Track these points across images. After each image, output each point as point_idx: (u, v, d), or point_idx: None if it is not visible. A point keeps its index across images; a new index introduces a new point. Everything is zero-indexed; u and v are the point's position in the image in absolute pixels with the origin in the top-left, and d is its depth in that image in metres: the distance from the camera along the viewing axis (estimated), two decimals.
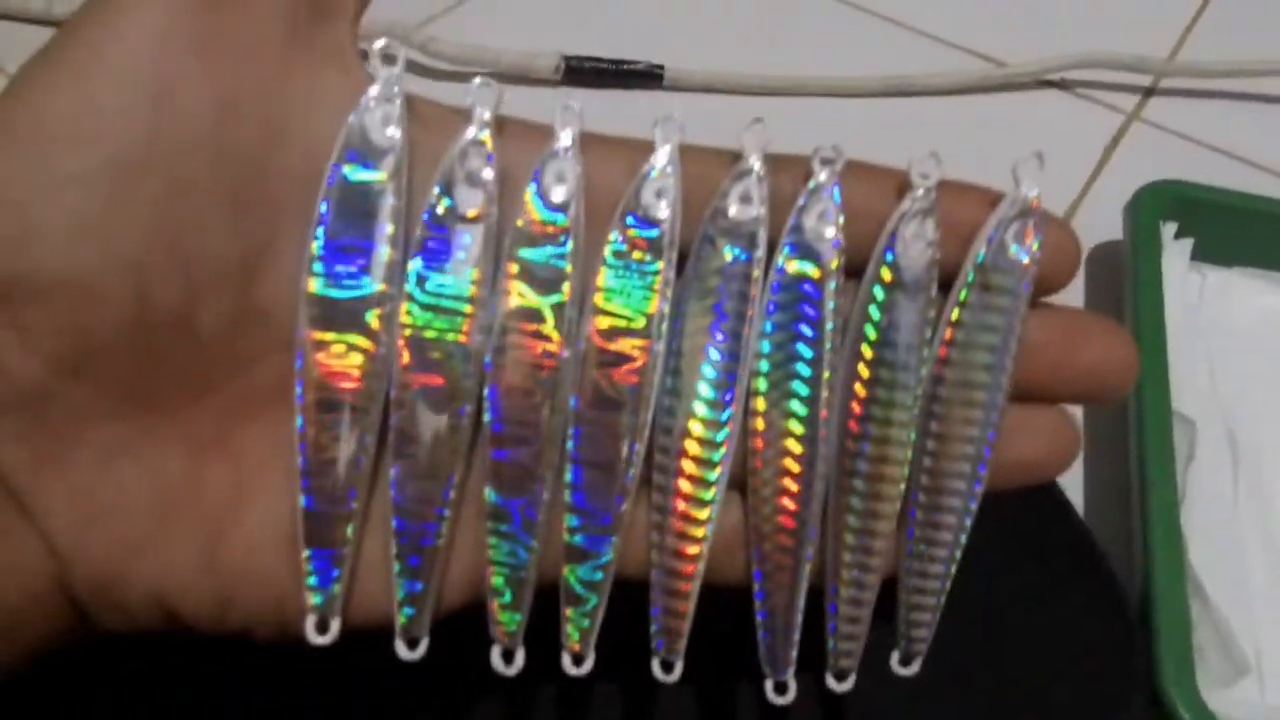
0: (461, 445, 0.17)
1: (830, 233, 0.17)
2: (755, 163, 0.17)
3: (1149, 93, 0.42)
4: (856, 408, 0.17)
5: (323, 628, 0.17)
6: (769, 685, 0.18)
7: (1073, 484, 0.29)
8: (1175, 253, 0.33)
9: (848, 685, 0.18)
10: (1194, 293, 0.33)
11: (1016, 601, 0.24)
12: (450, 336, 0.17)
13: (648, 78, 0.41)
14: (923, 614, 0.18)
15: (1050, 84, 0.42)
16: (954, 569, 0.18)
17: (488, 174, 0.17)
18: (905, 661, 0.18)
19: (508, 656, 0.17)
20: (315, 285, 0.16)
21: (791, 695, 0.18)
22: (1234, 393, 0.30)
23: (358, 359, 0.17)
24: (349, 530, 0.17)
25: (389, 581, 0.17)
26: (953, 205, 0.17)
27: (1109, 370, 0.18)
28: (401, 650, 0.17)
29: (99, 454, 0.16)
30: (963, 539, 0.18)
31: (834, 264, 0.17)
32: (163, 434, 0.16)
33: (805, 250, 0.17)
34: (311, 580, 0.16)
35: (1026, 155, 0.17)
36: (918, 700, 0.22)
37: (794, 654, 0.18)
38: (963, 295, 0.17)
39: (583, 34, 0.42)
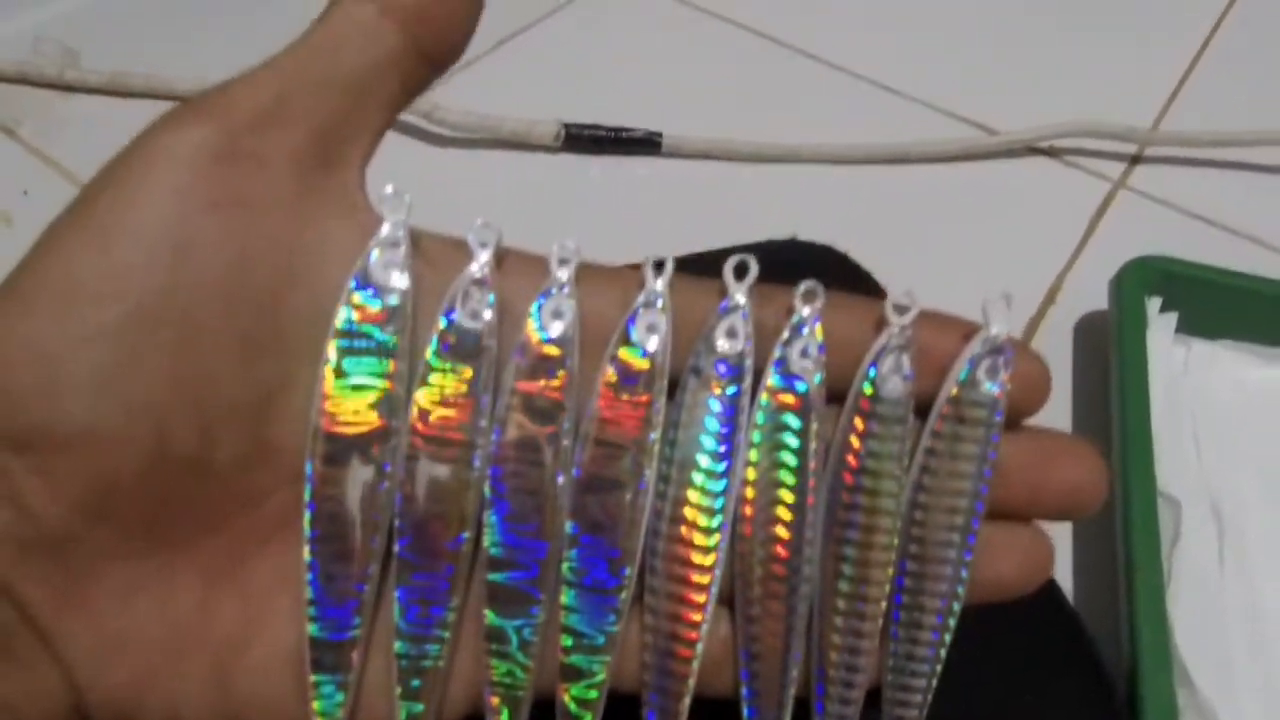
0: (462, 570, 0.18)
1: (811, 365, 0.18)
2: (740, 298, 0.18)
3: (1135, 160, 0.43)
4: (839, 530, 0.18)
5: None
6: None
7: (1063, 566, 0.30)
8: (1160, 327, 0.33)
9: None
10: (1179, 365, 0.34)
11: (1005, 687, 0.24)
12: (452, 466, 0.17)
13: (646, 145, 0.42)
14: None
15: (1040, 151, 0.43)
16: (935, 682, 0.19)
17: (487, 313, 0.18)
18: None
19: None
20: (324, 424, 0.17)
21: None
22: (1219, 467, 0.31)
23: (364, 492, 0.17)
24: (353, 656, 0.17)
25: (391, 703, 0.18)
26: (929, 336, 0.18)
27: (1083, 489, 0.19)
28: None
29: (117, 590, 0.17)
30: (943, 653, 0.19)
31: (815, 394, 0.18)
32: (177, 568, 0.17)
33: (788, 381, 0.18)
34: (318, 705, 0.17)
35: (994, 296, 0.18)
36: None
37: None
38: (938, 425, 0.18)
39: (582, 102, 0.43)
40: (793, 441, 0.18)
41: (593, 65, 0.46)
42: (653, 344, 0.18)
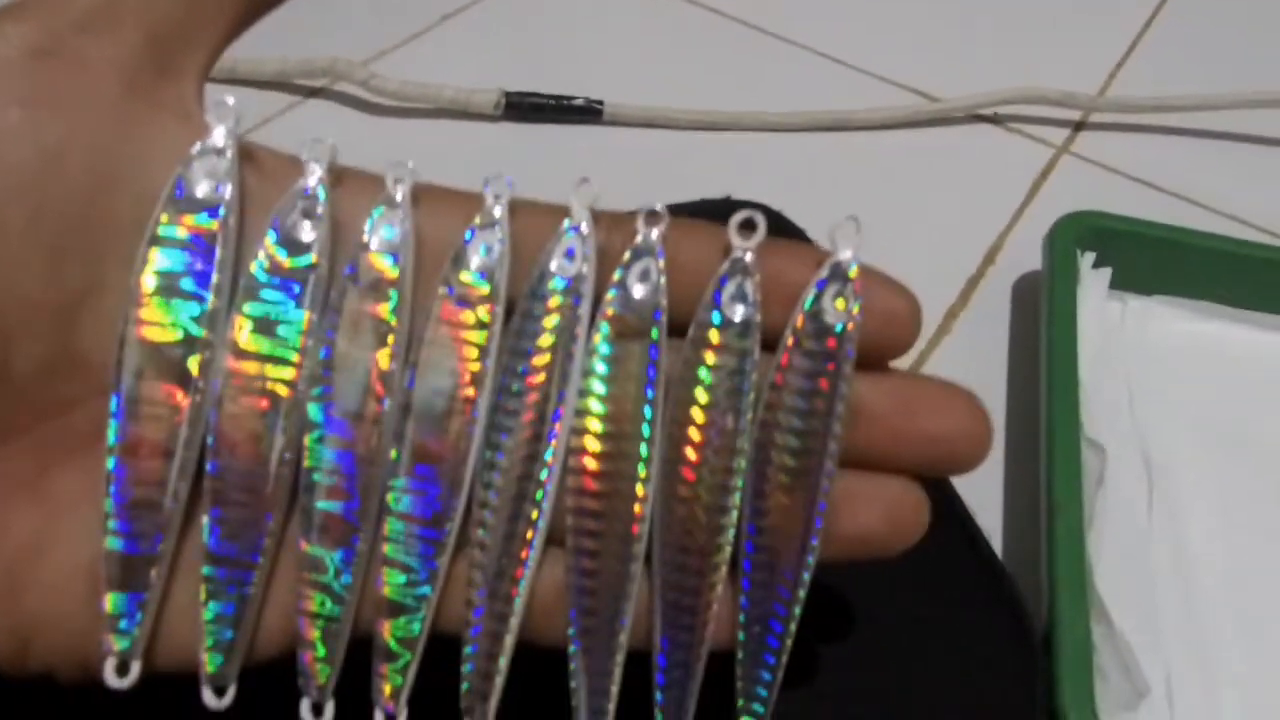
0: (280, 495, 0.17)
1: (651, 292, 0.17)
2: (582, 220, 0.18)
3: (1079, 127, 0.43)
4: (681, 469, 0.17)
5: (123, 671, 0.16)
6: None
7: (992, 515, 0.29)
8: (1093, 281, 0.33)
9: None
10: (1114, 319, 0.34)
11: (919, 625, 0.24)
12: (272, 386, 0.17)
13: (587, 113, 0.41)
14: (759, 688, 0.17)
15: (982, 118, 0.43)
16: (790, 643, 0.17)
17: (318, 225, 0.17)
18: None
19: (317, 710, 0.17)
20: (134, 330, 0.16)
21: None
22: (1152, 418, 0.31)
23: (174, 405, 0.17)
24: (154, 574, 0.16)
25: (198, 629, 0.17)
26: (780, 265, 0.17)
27: (953, 439, 0.17)
28: (208, 698, 0.17)
29: None
30: (797, 611, 0.17)
31: (655, 322, 0.17)
32: None
33: (628, 308, 0.17)
34: (114, 623, 0.16)
35: (843, 219, 0.17)
36: (808, 713, 0.22)
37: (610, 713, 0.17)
38: (784, 358, 0.17)
39: (524, 71, 0.43)
40: (631, 371, 0.17)
41: (534, 35, 0.46)
42: (491, 266, 0.17)
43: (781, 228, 0.34)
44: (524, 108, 0.41)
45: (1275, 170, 0.42)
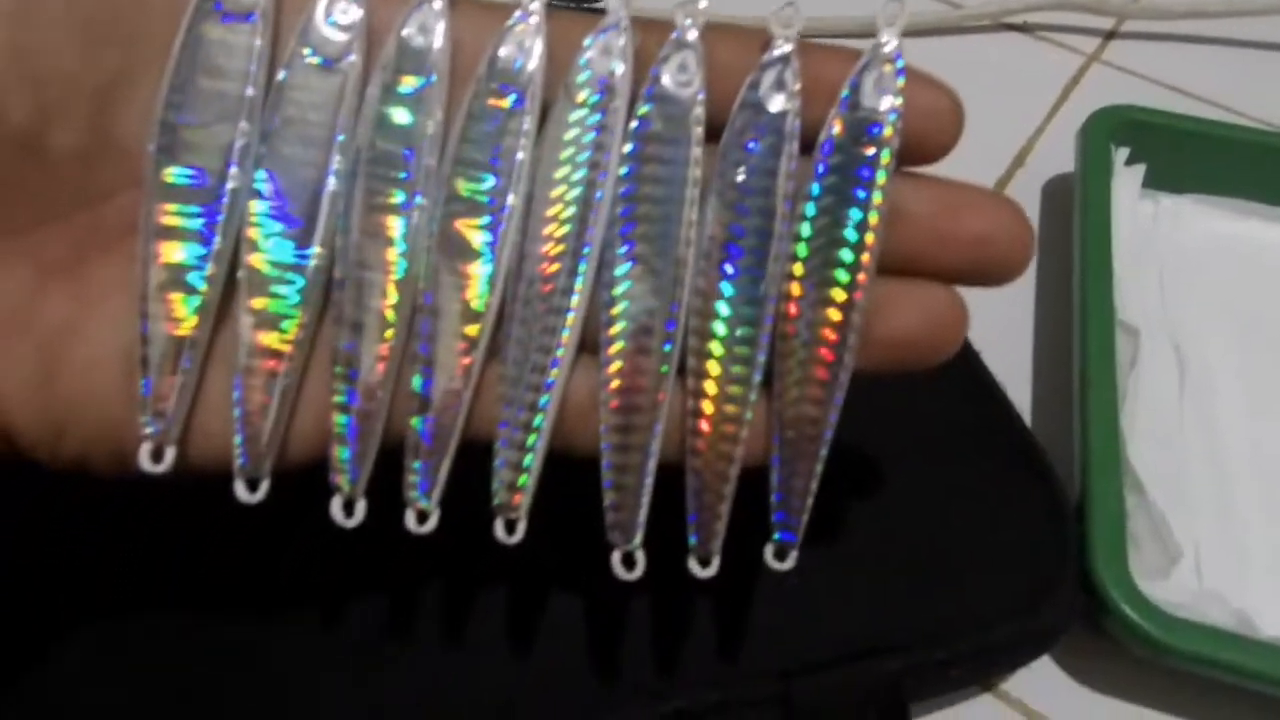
0: (315, 288, 0.17)
1: (691, 88, 0.17)
2: (620, 17, 0.17)
3: (1110, 35, 0.42)
4: (717, 264, 0.17)
5: (158, 457, 0.16)
6: (616, 558, 0.17)
7: (1021, 391, 0.29)
8: (1127, 177, 0.33)
9: (710, 571, 0.17)
10: (1147, 218, 0.33)
11: (952, 493, 0.24)
12: (305, 175, 0.17)
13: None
14: (793, 501, 0.17)
15: (1010, 27, 0.42)
16: (824, 455, 0.17)
17: (353, 21, 0.17)
18: (780, 556, 0.17)
19: (348, 507, 0.17)
20: (169, 117, 0.16)
21: (640, 569, 0.17)
22: (1183, 309, 0.30)
23: (209, 191, 0.16)
24: (188, 359, 0.16)
25: (229, 421, 0.16)
26: (819, 62, 0.17)
27: (998, 240, 0.17)
28: (241, 491, 0.17)
29: None
30: (833, 419, 0.17)
31: (695, 118, 0.17)
32: (7, 254, 0.16)
33: (665, 105, 0.17)
34: (148, 406, 0.16)
35: (887, 3, 0.17)
36: (844, 579, 0.22)
37: (639, 522, 0.17)
38: (825, 151, 0.17)
39: None
40: (669, 169, 0.17)
41: None
42: (527, 62, 0.17)
43: None
44: None
45: None
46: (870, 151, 0.16)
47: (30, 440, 0.16)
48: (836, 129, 0.17)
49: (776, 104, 0.17)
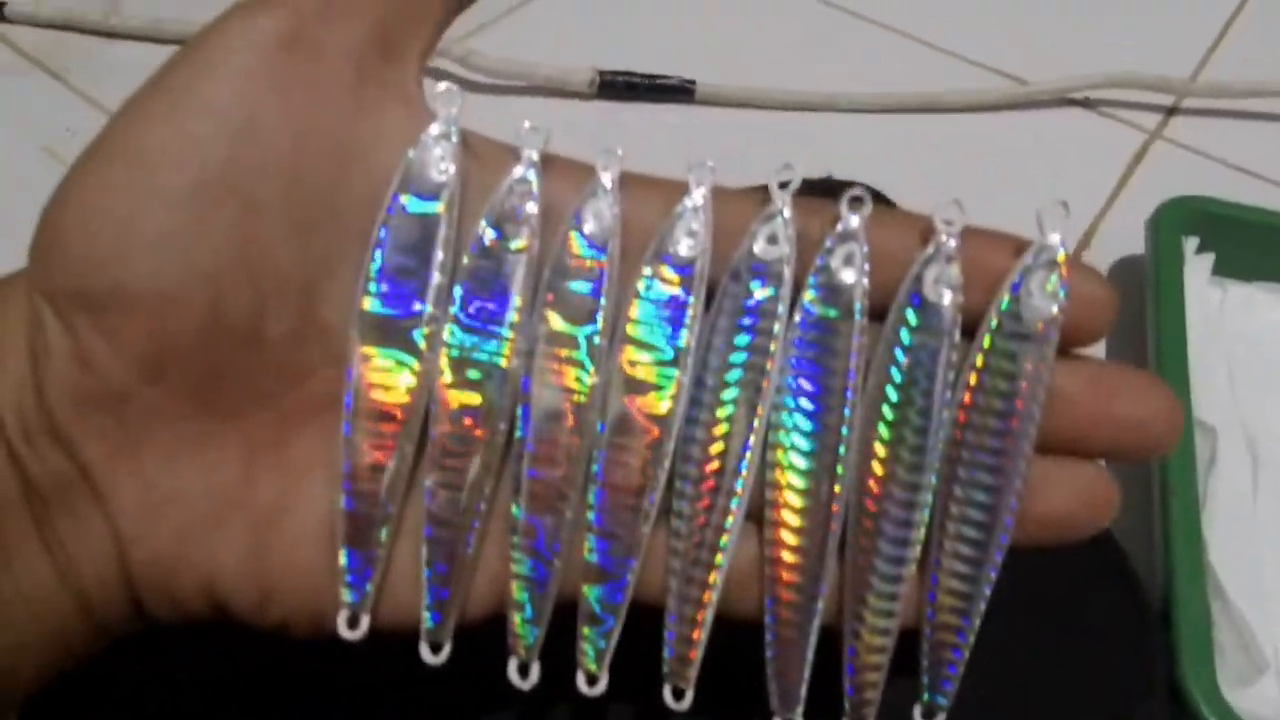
0: (494, 461, 0.18)
1: (855, 276, 0.18)
2: (783, 205, 0.18)
3: (1171, 112, 0.43)
4: (879, 449, 0.18)
5: (353, 624, 0.18)
6: None
7: None
8: (1196, 267, 0.33)
9: None
10: (1214, 306, 0.34)
11: (1039, 601, 0.24)
12: (489, 358, 0.18)
13: (679, 92, 0.42)
14: (945, 669, 0.18)
15: (1074, 102, 0.43)
16: (978, 623, 0.18)
17: (532, 209, 0.18)
18: (928, 715, 0.18)
19: (523, 670, 0.18)
20: (369, 303, 0.18)
21: None
22: (1254, 402, 0.31)
23: (403, 373, 0.18)
24: (383, 534, 0.18)
25: (418, 588, 0.18)
26: (978, 251, 0.18)
27: (1149, 424, 0.17)
28: (426, 654, 0.18)
29: (166, 450, 0.17)
30: (986, 592, 0.18)
31: (858, 307, 0.18)
32: (223, 436, 0.18)
33: (830, 292, 0.18)
34: (346, 578, 0.17)
35: (1050, 202, 0.17)
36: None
37: (802, 694, 0.18)
38: (987, 342, 0.17)
39: (617, 49, 0.43)
40: (833, 353, 0.18)
41: (628, 13, 0.47)
42: (692, 248, 0.18)
43: (884, 206, 0.34)
44: (618, 86, 0.42)
45: None
46: (1031, 347, 0.17)
47: (241, 608, 0.18)
48: (995, 322, 0.17)
49: (940, 297, 0.18)
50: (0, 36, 0.43)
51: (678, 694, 0.18)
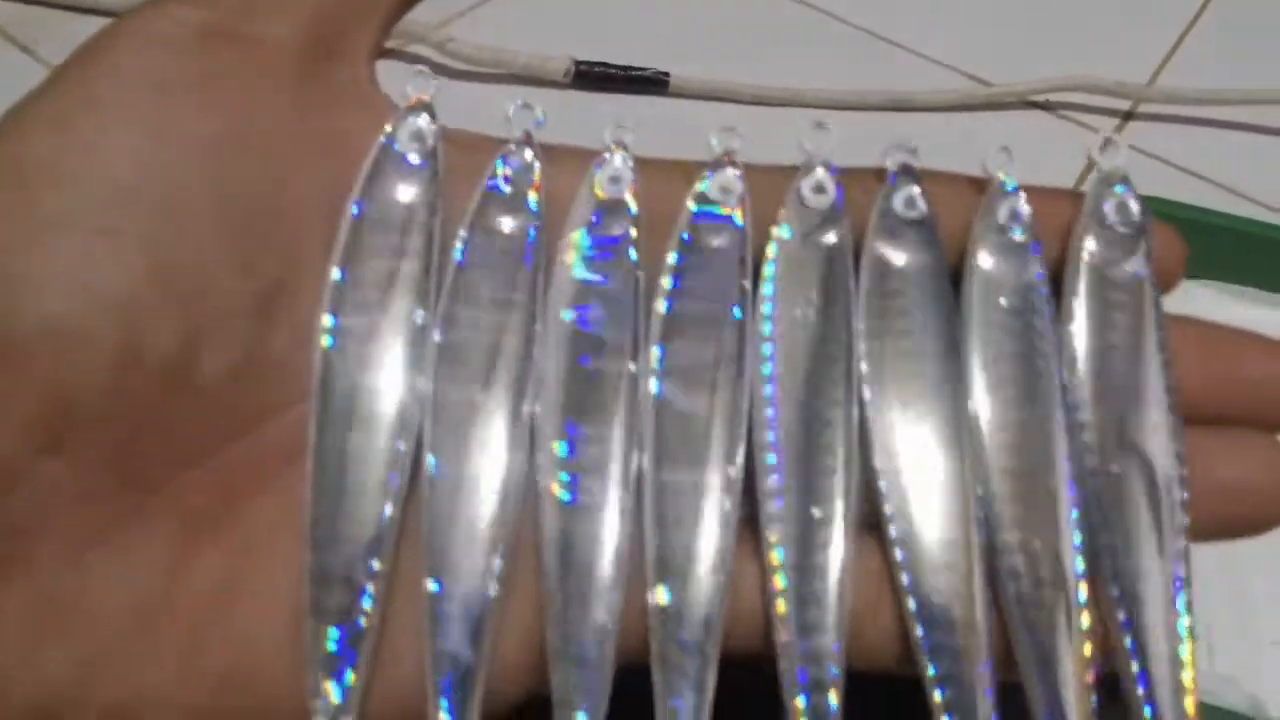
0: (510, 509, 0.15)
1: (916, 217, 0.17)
2: (824, 154, 0.18)
3: (1128, 116, 0.44)
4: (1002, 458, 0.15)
5: None
6: None
7: None
8: None
9: None
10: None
11: None
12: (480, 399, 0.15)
13: (654, 84, 0.43)
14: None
15: (1035, 105, 0.44)
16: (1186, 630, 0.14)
17: (535, 177, 0.16)
18: None
19: None
20: (329, 319, 0.15)
21: None
22: None
23: (381, 411, 0.14)
24: (368, 602, 0.14)
25: (422, 669, 0.14)
26: (1037, 203, 0.17)
27: (1276, 381, 0.15)
28: None
29: (69, 545, 0.13)
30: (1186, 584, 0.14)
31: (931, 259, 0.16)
32: (147, 515, 0.14)
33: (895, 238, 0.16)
34: (324, 669, 0.13)
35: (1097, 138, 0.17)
36: None
37: None
38: (1079, 293, 0.15)
39: (593, 40, 0.44)
40: (914, 317, 0.16)
41: (604, 4, 0.47)
42: (733, 204, 0.17)
43: None
44: (593, 77, 0.42)
45: None
46: (1133, 282, 0.16)
47: None
48: (1086, 257, 0.16)
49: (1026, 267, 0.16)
50: None
51: None
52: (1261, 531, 0.15)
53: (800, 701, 0.14)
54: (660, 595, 0.14)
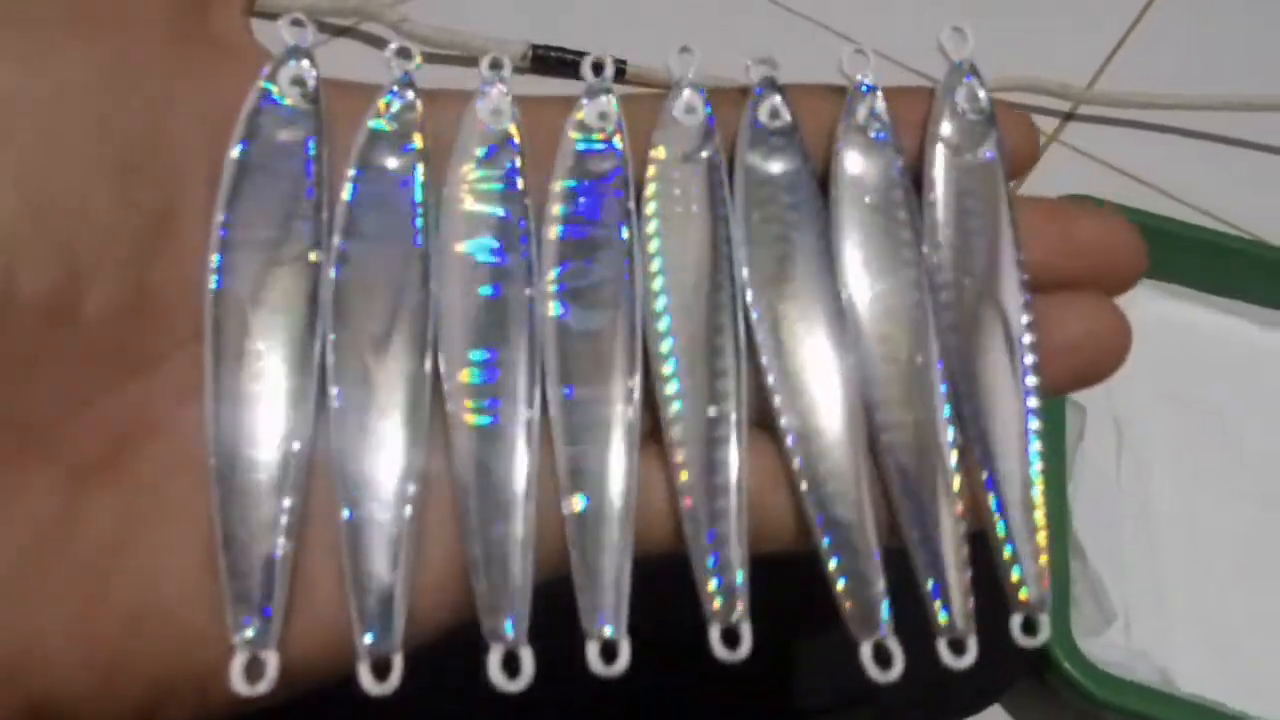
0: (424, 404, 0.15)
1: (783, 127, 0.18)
2: (688, 82, 0.19)
3: (1069, 117, 0.46)
4: (880, 333, 0.16)
5: (255, 671, 0.13)
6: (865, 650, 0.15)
7: None
8: None
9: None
10: None
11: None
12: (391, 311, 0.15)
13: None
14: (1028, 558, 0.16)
15: None
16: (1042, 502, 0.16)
17: (417, 112, 0.17)
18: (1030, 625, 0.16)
19: (509, 662, 0.14)
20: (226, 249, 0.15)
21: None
22: (1124, 388, 0.33)
23: (283, 341, 0.14)
24: (281, 535, 0.13)
25: (340, 598, 0.13)
26: (894, 104, 0.18)
27: (1118, 245, 0.17)
28: (366, 680, 0.13)
29: None
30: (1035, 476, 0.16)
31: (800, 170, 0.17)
32: (31, 466, 0.13)
33: (766, 159, 0.17)
34: (238, 603, 0.13)
35: (950, 29, 0.18)
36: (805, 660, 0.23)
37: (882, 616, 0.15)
38: (936, 180, 0.17)
39: (550, 25, 0.44)
40: (788, 221, 0.17)
41: None
42: (610, 130, 0.17)
43: None
44: (549, 61, 0.43)
45: (1249, 171, 0.45)
46: (985, 172, 0.17)
47: (70, 703, 0.13)
48: (941, 149, 0.17)
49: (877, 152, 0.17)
50: None
51: (730, 639, 0.15)
52: (1104, 378, 0.17)
53: (713, 584, 0.15)
54: (575, 503, 0.15)
